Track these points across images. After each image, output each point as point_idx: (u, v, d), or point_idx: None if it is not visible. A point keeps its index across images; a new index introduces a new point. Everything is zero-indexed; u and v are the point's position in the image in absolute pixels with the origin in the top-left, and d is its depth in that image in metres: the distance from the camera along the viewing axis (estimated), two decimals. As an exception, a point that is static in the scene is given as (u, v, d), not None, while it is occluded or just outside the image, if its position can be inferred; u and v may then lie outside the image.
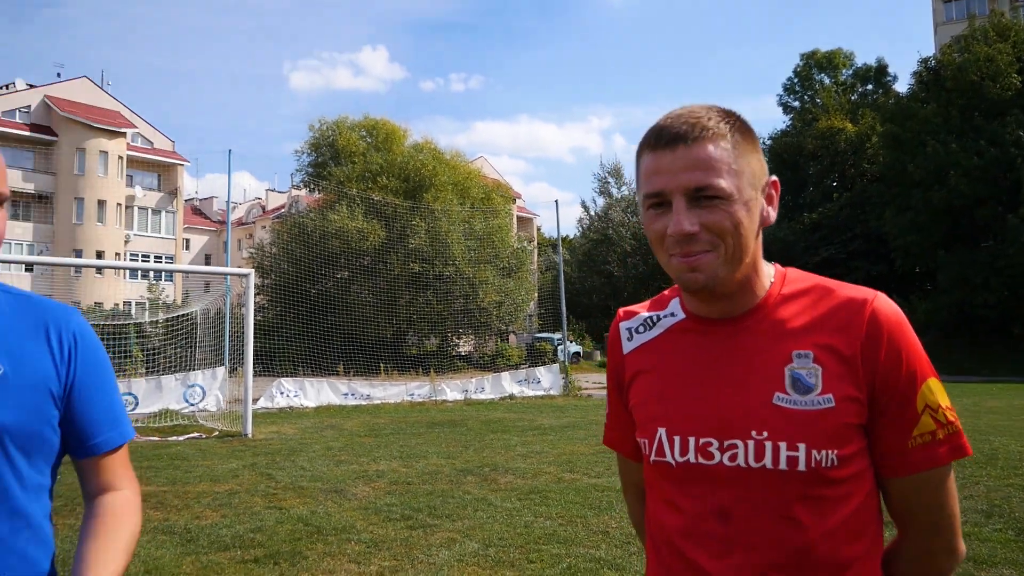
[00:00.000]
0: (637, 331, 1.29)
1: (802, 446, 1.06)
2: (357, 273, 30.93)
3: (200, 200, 59.51)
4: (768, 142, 44.62)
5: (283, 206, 52.27)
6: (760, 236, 1.16)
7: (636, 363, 1.27)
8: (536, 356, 30.55)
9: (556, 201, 24.98)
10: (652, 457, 1.19)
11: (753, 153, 1.13)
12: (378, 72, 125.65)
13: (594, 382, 24.76)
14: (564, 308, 22.60)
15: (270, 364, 21.03)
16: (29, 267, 38.65)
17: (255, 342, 12.70)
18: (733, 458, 1.10)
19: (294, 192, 47.96)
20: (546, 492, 7.12)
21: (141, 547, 5.10)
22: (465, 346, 36.46)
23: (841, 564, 1.08)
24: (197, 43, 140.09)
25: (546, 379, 21.23)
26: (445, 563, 4.86)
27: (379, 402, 18.25)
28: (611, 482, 7.49)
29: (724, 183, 1.07)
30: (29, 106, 42.78)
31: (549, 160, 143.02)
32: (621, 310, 1.35)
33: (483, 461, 9.15)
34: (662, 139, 1.10)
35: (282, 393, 17.17)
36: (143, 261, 43.02)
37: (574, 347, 38.16)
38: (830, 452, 1.06)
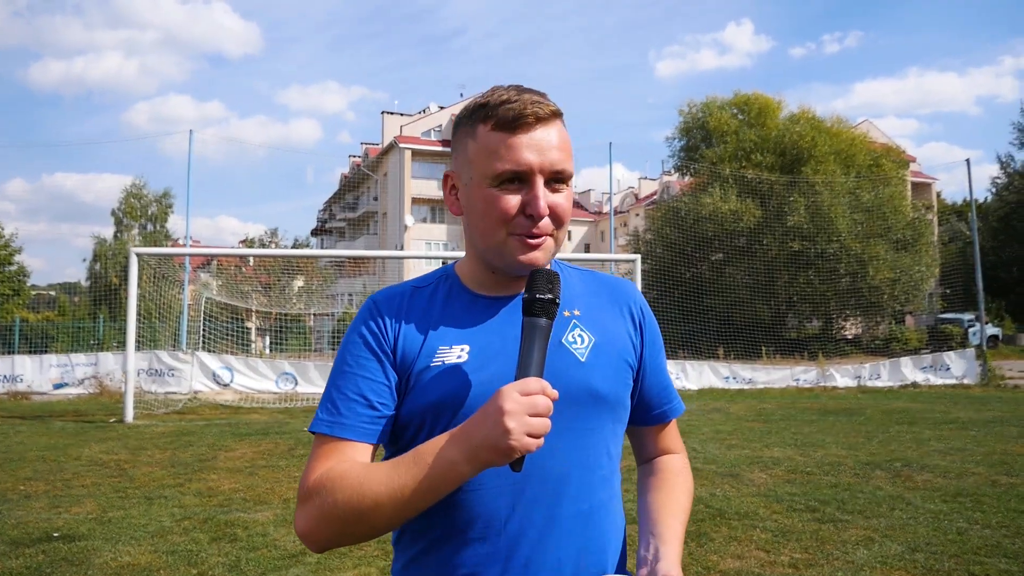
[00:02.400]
0: None
1: None
2: (732, 255, 30.30)
3: (578, 194, 63.67)
4: None
5: (655, 193, 53.42)
6: None
7: None
8: (940, 340, 26.80)
9: (967, 160, 21.40)
10: None
11: None
12: (743, 47, 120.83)
13: (1020, 371, 20.87)
14: (980, 283, 19.47)
15: (651, 347, 21.59)
16: (444, 262, 45.33)
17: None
18: None
19: (665, 178, 48.69)
20: (979, 496, 6.18)
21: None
22: (853, 329, 33.53)
23: None
24: (571, 48, 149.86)
25: (957, 366, 18.54)
26: (865, 563, 4.48)
27: (763, 386, 17.67)
28: (1067, 491, 6.25)
29: None
30: (440, 125, 49.93)
31: (948, 115, 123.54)
32: None
33: (891, 455, 8.29)
34: None
35: (664, 375, 17.57)
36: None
37: (991, 329, 32.69)
38: None
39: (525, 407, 0.99)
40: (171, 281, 17.66)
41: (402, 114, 52.94)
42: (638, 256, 13.79)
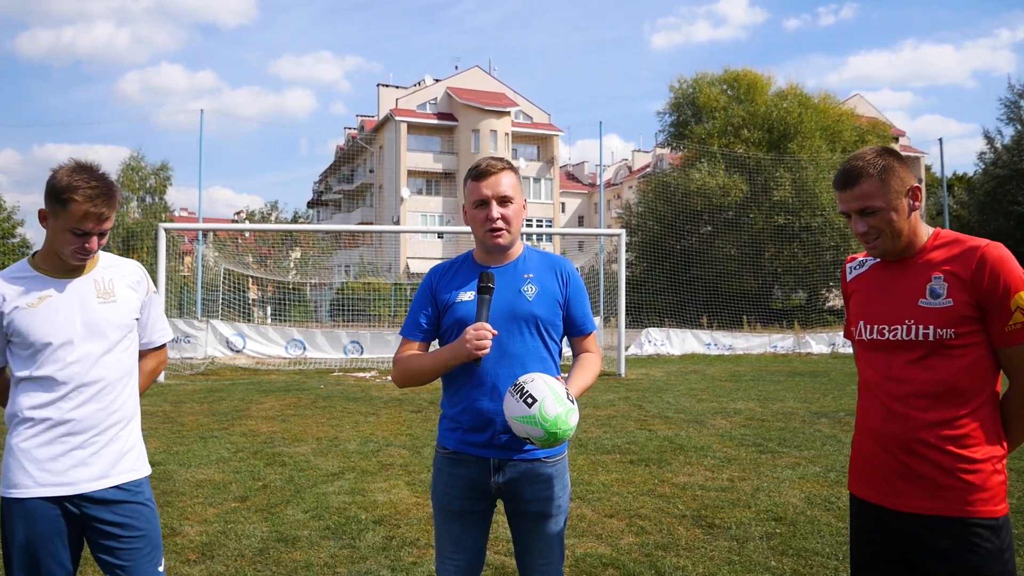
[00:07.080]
0: (855, 268, 2.21)
1: (932, 327, 1.88)
2: (720, 228, 31.40)
3: (572, 166, 64.49)
4: None
5: (648, 165, 54.33)
6: (912, 218, 1.96)
7: (854, 287, 2.19)
8: (920, 311, 27.96)
9: (940, 140, 22.63)
10: (857, 337, 2.12)
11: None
12: (738, 19, 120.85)
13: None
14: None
15: (638, 316, 22.80)
16: (440, 235, 46.24)
17: (625, 295, 14.33)
18: (895, 334, 1.95)
19: (658, 151, 49.55)
20: (899, 436, 7.37)
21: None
22: (836, 300, 34.78)
23: (962, 391, 1.90)
24: (567, 19, 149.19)
25: (927, 334, 19.75)
26: (786, 479, 5.68)
27: (741, 352, 18.91)
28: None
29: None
30: (435, 98, 50.62)
31: (943, 88, 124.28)
32: (848, 257, 2.27)
33: (840, 407, 9.51)
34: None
35: (650, 341, 18.81)
36: (527, 225, 48.57)
37: (969, 300, 33.85)
38: (948, 330, 1.89)
39: (474, 336, 2.12)
40: (171, 252, 18.62)
41: (397, 86, 53.51)
42: (623, 231, 14.88)
